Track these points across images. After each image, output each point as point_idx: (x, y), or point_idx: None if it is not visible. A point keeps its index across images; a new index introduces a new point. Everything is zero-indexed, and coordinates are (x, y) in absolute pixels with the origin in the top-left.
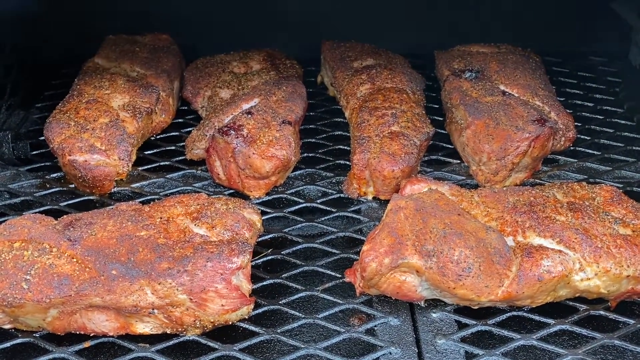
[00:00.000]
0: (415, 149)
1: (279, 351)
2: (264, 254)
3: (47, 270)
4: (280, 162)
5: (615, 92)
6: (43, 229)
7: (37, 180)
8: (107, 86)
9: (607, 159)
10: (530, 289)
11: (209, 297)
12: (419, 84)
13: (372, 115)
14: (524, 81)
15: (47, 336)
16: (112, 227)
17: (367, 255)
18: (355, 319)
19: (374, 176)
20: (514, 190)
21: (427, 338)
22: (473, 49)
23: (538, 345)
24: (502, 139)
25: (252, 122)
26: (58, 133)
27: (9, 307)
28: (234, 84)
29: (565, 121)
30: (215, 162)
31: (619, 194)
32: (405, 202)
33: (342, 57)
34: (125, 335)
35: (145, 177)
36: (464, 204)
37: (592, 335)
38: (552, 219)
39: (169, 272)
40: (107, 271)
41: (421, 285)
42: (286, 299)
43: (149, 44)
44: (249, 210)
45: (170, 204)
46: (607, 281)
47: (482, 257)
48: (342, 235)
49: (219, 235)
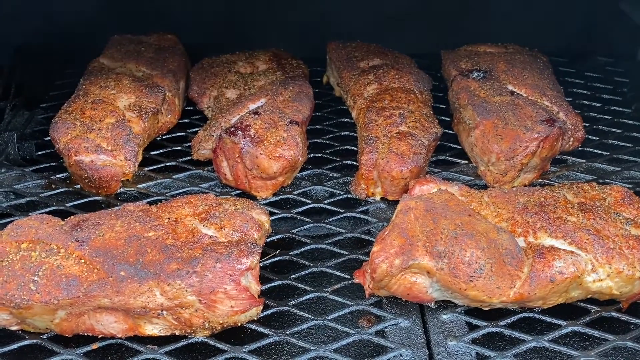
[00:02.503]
0: (424, 149)
1: (288, 353)
2: (272, 254)
3: (55, 271)
4: (288, 163)
5: (623, 92)
6: (50, 229)
7: (43, 180)
8: (113, 86)
9: (616, 160)
10: (543, 290)
11: (218, 298)
12: (427, 84)
13: (380, 115)
14: (532, 81)
15: (54, 338)
16: (119, 227)
17: (378, 256)
18: (364, 320)
19: (382, 177)
20: (524, 191)
21: (437, 340)
22: (480, 48)
23: (549, 346)
24: (511, 139)
25: (259, 123)
26: (64, 133)
27: (17, 309)
28: (240, 84)
29: (573, 121)
30: (223, 162)
31: (630, 195)
32: (416, 202)
33: (349, 58)
34: (134, 336)
35: (152, 178)
36: (474, 204)
37: (604, 336)
38: (563, 220)
39: (178, 273)
40: (116, 272)
41: (432, 287)
42: (295, 300)
43: (154, 44)
44: (257, 210)
45: (178, 205)
46: (620, 282)
47: (494, 258)
48: (350, 236)
49: (227, 236)
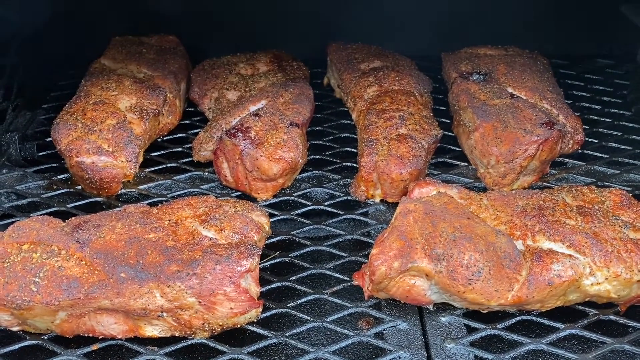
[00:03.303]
0: (423, 151)
1: (287, 354)
2: (271, 256)
3: (56, 272)
4: (288, 165)
5: (623, 94)
6: (51, 231)
7: (44, 181)
8: (114, 87)
9: (616, 162)
10: (541, 293)
11: (218, 300)
12: (427, 86)
13: (380, 117)
14: (532, 84)
15: (55, 338)
16: (120, 229)
17: (377, 259)
18: (363, 322)
19: (382, 179)
20: (523, 194)
21: (436, 342)
22: (480, 51)
23: (547, 349)
24: (510, 141)
25: (259, 124)
26: (65, 134)
27: (18, 310)
28: (241, 86)
29: (573, 124)
30: (223, 164)
31: (629, 198)
32: (415, 205)
33: (349, 59)
34: (134, 338)
35: (152, 179)
36: (472, 207)
37: (602, 339)
38: (561, 223)
39: (178, 275)
40: (116, 274)
41: (430, 289)
42: (294, 302)
43: (155, 45)
44: (257, 212)
45: (178, 206)
46: (618, 286)
47: (492, 261)
48: (350, 238)
49: (227, 238)
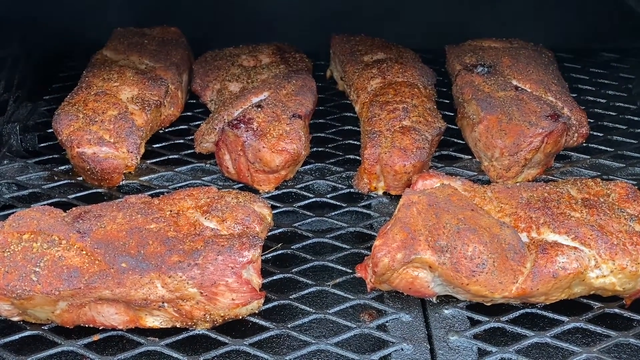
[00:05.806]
0: (427, 143)
1: (289, 346)
2: (273, 248)
3: (57, 262)
4: (291, 156)
5: (627, 88)
6: (52, 220)
7: (45, 172)
8: (116, 78)
9: (620, 156)
10: (545, 285)
11: (220, 290)
12: (430, 79)
13: (383, 109)
14: (537, 76)
15: (55, 329)
16: (121, 219)
17: (380, 251)
18: (366, 314)
19: (385, 171)
20: (527, 186)
21: (439, 334)
22: (485, 43)
23: (552, 342)
24: (515, 134)
25: (262, 116)
26: (66, 125)
27: (18, 299)
28: (243, 78)
29: (578, 117)
30: (225, 155)
31: (634, 191)
32: (418, 197)
33: (352, 51)
34: (135, 328)
35: (154, 171)
36: (477, 199)
37: (607, 333)
38: (566, 215)
39: (179, 266)
40: (117, 264)
41: (434, 281)
42: (296, 293)
43: (157, 37)
44: (259, 204)
45: (180, 197)
46: (623, 278)
47: (496, 253)
48: (353, 230)
49: (229, 229)
